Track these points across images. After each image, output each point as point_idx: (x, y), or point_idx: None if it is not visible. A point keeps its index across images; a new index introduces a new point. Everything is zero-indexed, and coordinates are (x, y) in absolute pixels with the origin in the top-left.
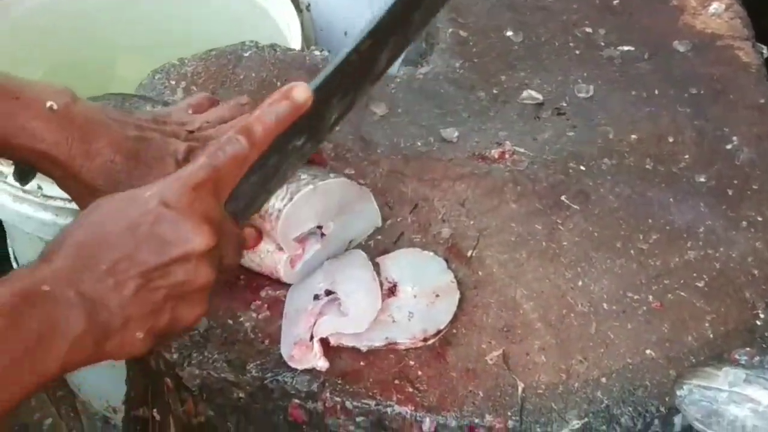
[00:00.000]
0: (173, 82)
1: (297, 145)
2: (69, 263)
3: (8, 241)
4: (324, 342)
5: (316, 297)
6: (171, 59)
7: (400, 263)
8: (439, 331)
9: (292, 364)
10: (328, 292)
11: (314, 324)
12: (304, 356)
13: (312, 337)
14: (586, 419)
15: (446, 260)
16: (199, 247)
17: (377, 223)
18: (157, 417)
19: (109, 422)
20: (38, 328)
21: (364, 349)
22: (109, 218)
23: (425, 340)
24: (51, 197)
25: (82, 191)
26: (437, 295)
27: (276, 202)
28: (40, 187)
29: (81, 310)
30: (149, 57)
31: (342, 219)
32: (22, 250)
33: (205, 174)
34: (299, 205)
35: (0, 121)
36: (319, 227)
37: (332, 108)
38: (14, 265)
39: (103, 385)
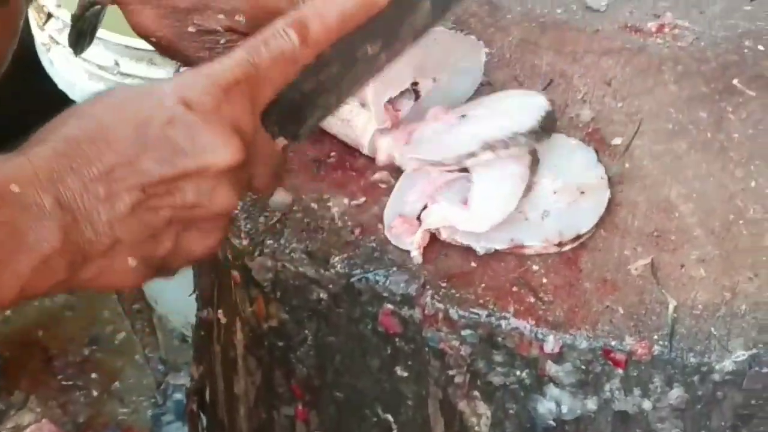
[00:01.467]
0: None
1: (367, 54)
2: (51, 160)
3: None
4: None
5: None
6: None
7: (540, 152)
8: (578, 236)
9: (388, 235)
10: (463, 170)
11: (424, 207)
12: (403, 234)
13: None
14: (754, 350)
15: (597, 152)
16: (220, 161)
17: (480, 78)
18: (223, 319)
19: (187, 341)
20: None
21: (481, 251)
22: (114, 111)
23: (560, 245)
24: (128, 75)
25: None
26: (582, 192)
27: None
28: (117, 63)
29: (56, 222)
30: None
31: (442, 76)
32: None
33: (240, 72)
34: None
35: None
36: (414, 84)
37: (416, 11)
38: None
39: (181, 298)
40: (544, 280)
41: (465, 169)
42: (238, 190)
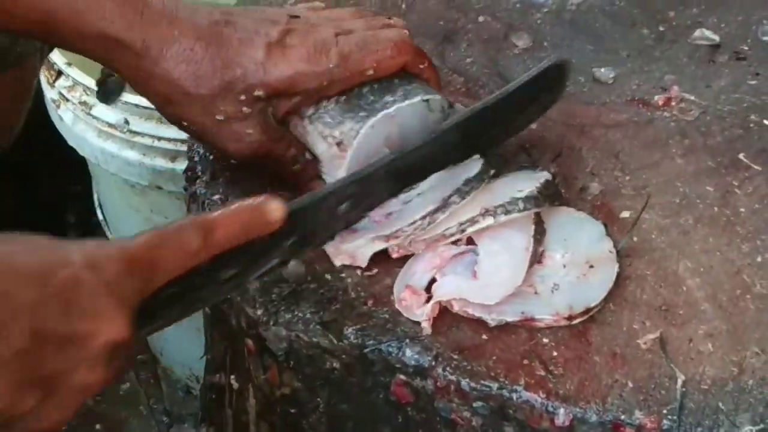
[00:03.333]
0: None
1: (267, 265)
2: None
3: (93, 184)
4: (443, 306)
5: (454, 242)
6: None
7: (549, 224)
8: (588, 310)
9: (399, 307)
10: (470, 241)
11: (432, 280)
12: (413, 305)
13: (429, 289)
14: (761, 425)
15: (606, 226)
16: (110, 334)
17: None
18: (235, 385)
19: (191, 393)
20: None
21: (492, 323)
22: (22, 252)
23: (570, 318)
24: (138, 133)
25: (159, 89)
26: (591, 266)
27: (328, 108)
28: (127, 122)
29: None
30: None
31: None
32: (107, 194)
33: (146, 252)
34: (368, 136)
35: (65, 2)
36: None
37: (315, 233)
38: (98, 211)
39: (186, 350)
40: (555, 353)
41: (471, 242)
42: (109, 372)
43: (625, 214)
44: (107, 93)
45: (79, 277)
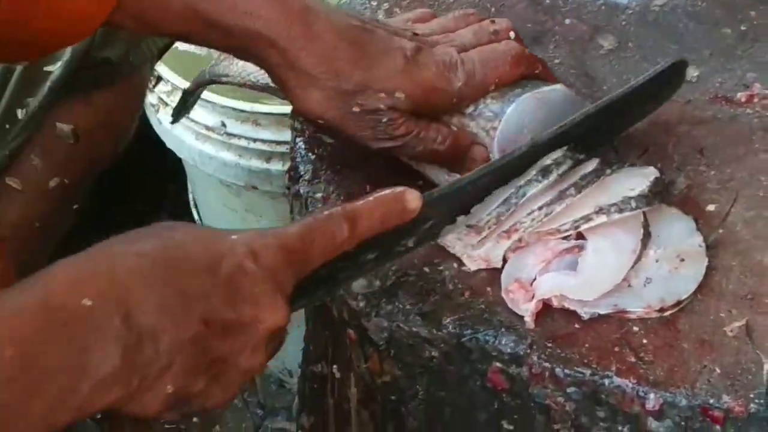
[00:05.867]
0: (374, 3)
1: (403, 247)
2: (128, 276)
3: (188, 185)
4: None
5: (565, 237)
6: None
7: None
8: (678, 302)
9: (504, 297)
10: (579, 236)
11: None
12: (519, 299)
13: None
14: None
15: (696, 221)
16: (270, 321)
17: None
18: (337, 374)
19: (284, 386)
20: (60, 361)
21: (585, 316)
22: (192, 243)
23: (661, 310)
24: (234, 135)
25: (300, 81)
26: (682, 260)
27: (493, 107)
28: (224, 124)
29: (120, 342)
30: None
31: None
32: (202, 194)
33: (300, 242)
34: (521, 111)
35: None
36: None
37: (448, 219)
38: (194, 212)
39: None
40: (645, 341)
41: (580, 237)
42: (267, 355)
43: (711, 207)
44: (179, 113)
45: (244, 266)
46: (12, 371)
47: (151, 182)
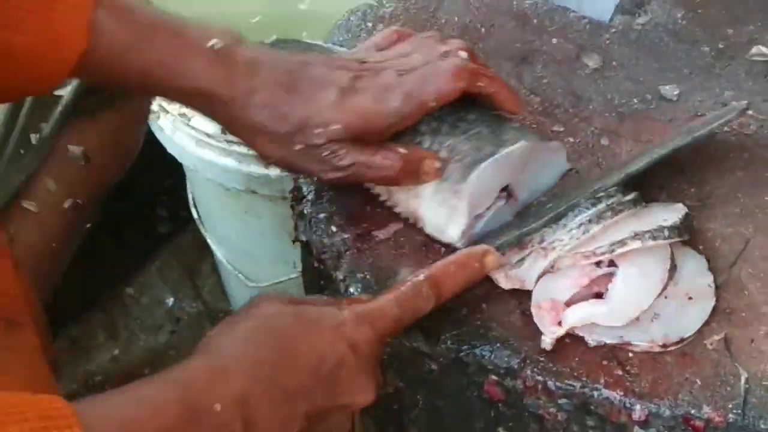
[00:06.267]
0: (369, 24)
1: None
2: (246, 383)
3: (188, 185)
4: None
5: (598, 263)
6: None
7: None
8: (681, 340)
9: (533, 310)
10: (611, 264)
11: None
12: (547, 317)
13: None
14: None
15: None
16: (363, 401)
17: (564, 168)
18: None
19: None
20: None
21: (592, 343)
22: (298, 343)
23: (664, 346)
24: (234, 142)
25: (246, 131)
26: (690, 298)
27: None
28: (223, 131)
29: None
30: None
31: (528, 174)
32: (202, 195)
33: (395, 324)
34: (483, 176)
35: (164, 61)
36: (505, 188)
37: None
38: (193, 210)
39: None
40: (630, 355)
41: (611, 264)
42: (352, 419)
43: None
44: None
45: (344, 361)
46: None
47: (149, 177)
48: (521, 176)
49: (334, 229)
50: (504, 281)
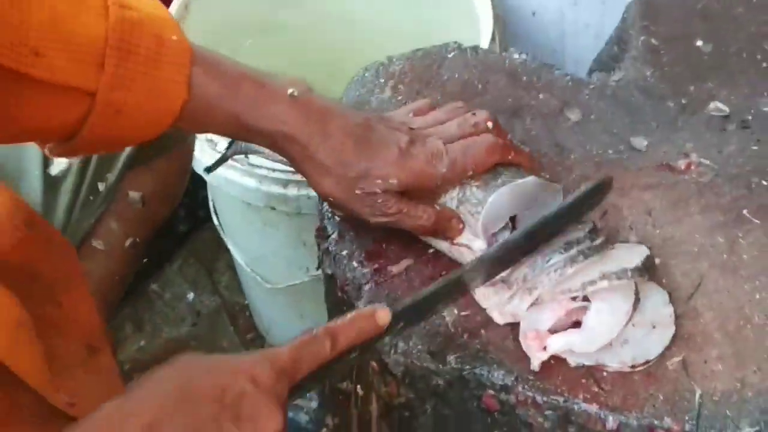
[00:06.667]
0: (382, 80)
1: (349, 356)
2: (154, 413)
3: (209, 195)
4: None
5: (574, 298)
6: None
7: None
8: (647, 361)
9: (521, 340)
10: (585, 299)
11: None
12: (533, 346)
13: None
14: (757, 427)
15: (669, 294)
16: (269, 429)
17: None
18: (360, 392)
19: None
20: None
21: (573, 365)
22: (200, 376)
23: (633, 367)
24: (256, 165)
25: (316, 170)
26: (654, 327)
27: (478, 194)
28: (246, 156)
29: None
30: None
31: (532, 210)
32: (224, 208)
33: (287, 362)
34: (500, 200)
35: (250, 107)
36: (512, 218)
37: (395, 331)
38: (215, 219)
39: (290, 329)
40: (604, 374)
41: (584, 300)
42: None
43: (657, 261)
44: (213, 168)
45: (245, 391)
46: None
47: None
48: (526, 212)
49: (355, 264)
50: (498, 317)
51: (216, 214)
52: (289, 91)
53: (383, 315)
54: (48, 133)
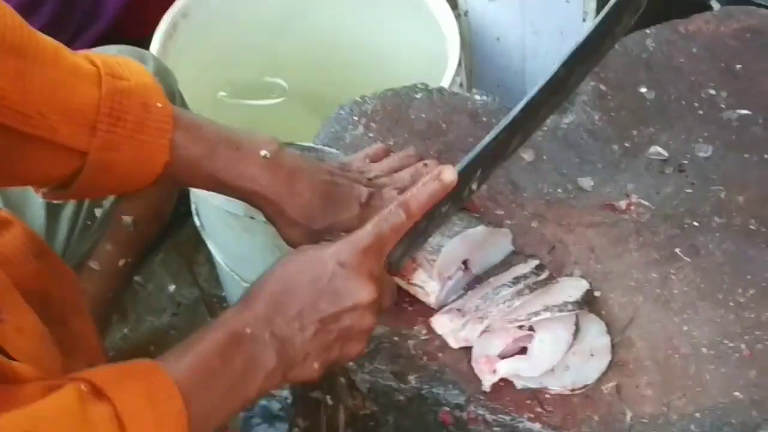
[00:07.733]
0: (355, 118)
1: (442, 211)
2: (265, 310)
3: (192, 199)
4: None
5: (521, 327)
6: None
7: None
8: (585, 386)
9: (474, 365)
10: (530, 328)
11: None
12: (485, 369)
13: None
14: None
15: (607, 325)
16: (365, 299)
17: (509, 249)
18: (330, 402)
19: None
20: (242, 365)
21: (519, 386)
22: (297, 273)
23: (572, 391)
24: None
25: (286, 223)
26: (592, 355)
27: (433, 242)
28: None
29: (273, 348)
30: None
31: (483, 252)
32: (205, 212)
33: (371, 240)
34: (453, 248)
35: (227, 168)
36: (464, 261)
37: (472, 183)
38: (196, 220)
39: None
40: (547, 396)
41: (530, 329)
42: (376, 313)
43: (597, 293)
44: None
45: (336, 274)
46: (214, 377)
47: None
48: (477, 254)
49: None
50: (453, 342)
51: (198, 215)
52: (262, 153)
53: (448, 173)
54: (44, 182)
